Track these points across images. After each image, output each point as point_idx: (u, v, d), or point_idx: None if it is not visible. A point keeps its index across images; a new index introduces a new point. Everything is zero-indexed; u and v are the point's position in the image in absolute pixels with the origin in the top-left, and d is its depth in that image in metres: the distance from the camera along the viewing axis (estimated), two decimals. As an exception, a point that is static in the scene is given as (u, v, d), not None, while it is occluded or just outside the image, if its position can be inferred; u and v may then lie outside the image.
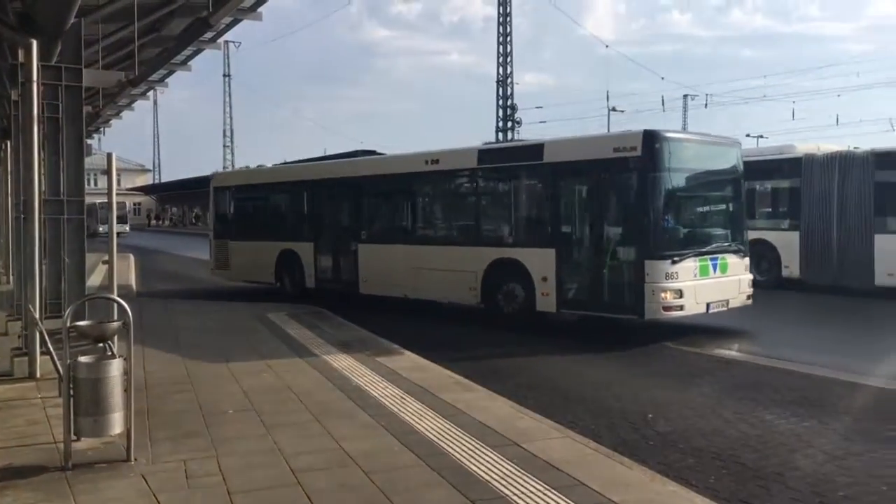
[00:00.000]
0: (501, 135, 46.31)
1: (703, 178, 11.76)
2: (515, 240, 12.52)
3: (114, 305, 5.86)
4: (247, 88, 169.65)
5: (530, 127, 63.92)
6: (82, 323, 5.80)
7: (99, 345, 5.63)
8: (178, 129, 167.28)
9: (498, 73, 46.86)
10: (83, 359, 5.35)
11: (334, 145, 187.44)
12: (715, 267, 11.12)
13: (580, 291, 11.48)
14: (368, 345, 10.05)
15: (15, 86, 9.19)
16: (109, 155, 7.64)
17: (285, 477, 5.09)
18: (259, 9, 12.54)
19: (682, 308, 10.57)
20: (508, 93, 46.92)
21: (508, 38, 46.62)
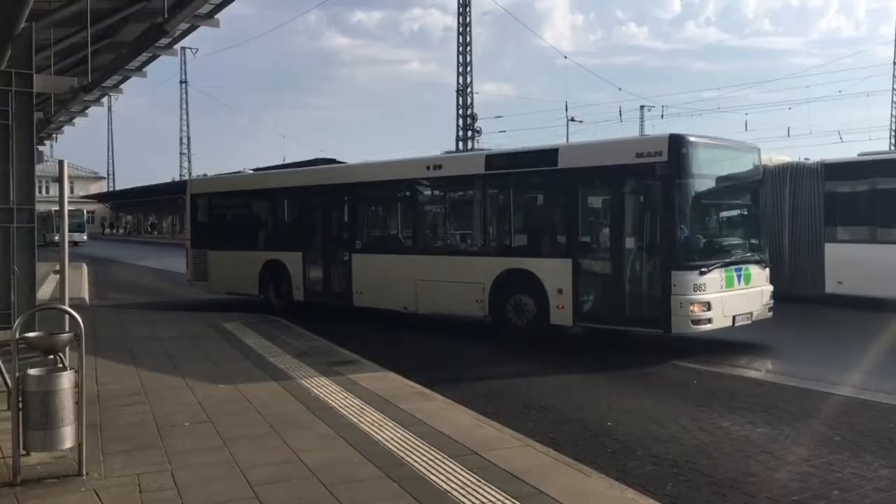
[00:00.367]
0: (461, 144, 46.47)
1: (728, 185, 11.39)
2: (527, 249, 11.98)
3: (65, 316, 5.72)
4: (204, 95, 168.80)
5: (490, 136, 64.50)
6: (32, 334, 5.64)
7: (49, 357, 5.48)
8: (134, 136, 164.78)
9: (458, 83, 46.98)
10: (33, 371, 5.22)
11: (294, 153, 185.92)
12: (739, 278, 10.71)
13: (599, 304, 10.98)
14: (327, 354, 9.98)
15: (-37, 91, 8.95)
16: (61, 162, 7.42)
17: (242, 490, 5.01)
18: (216, 15, 12.40)
19: (711, 321, 10.09)
20: (468, 102, 47.09)
21: (468, 48, 46.79)
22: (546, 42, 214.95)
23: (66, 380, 5.19)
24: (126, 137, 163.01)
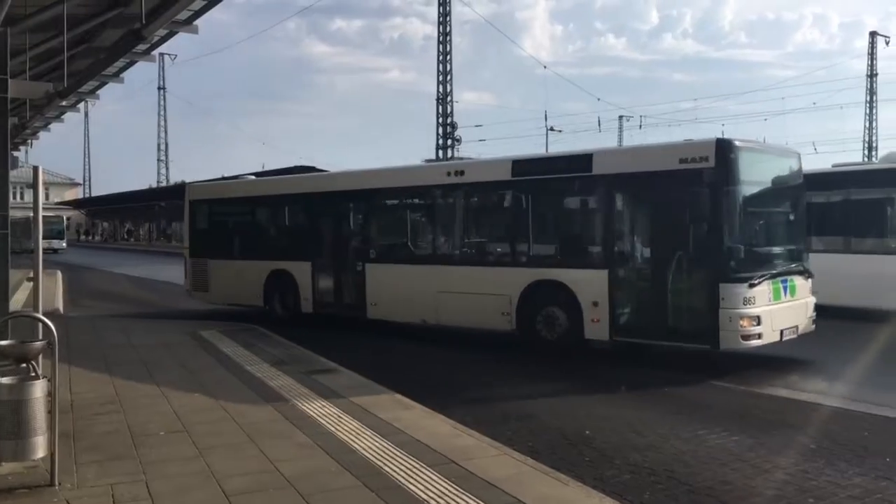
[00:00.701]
0: (441, 152, 46.53)
1: (774, 192, 10.87)
2: (558, 260, 11.44)
3: (38, 324, 5.64)
4: (183, 102, 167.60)
5: (470, 145, 64.39)
6: (4, 342, 5.55)
7: (22, 365, 5.40)
8: (111, 143, 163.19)
9: (438, 91, 47.11)
10: (4, 380, 5.16)
11: (273, 160, 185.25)
12: (786, 289, 10.20)
13: (639, 318, 10.40)
14: (305, 363, 9.92)
15: (-65, 95, 8.84)
16: (36, 168, 7.34)
17: (218, 500, 4.96)
18: (195, 22, 12.32)
19: (760, 336, 9.57)
20: (448, 111, 47.22)
21: (448, 57, 46.92)
22: (525, 52, 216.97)
23: (39, 389, 5.12)
24: (103, 144, 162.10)
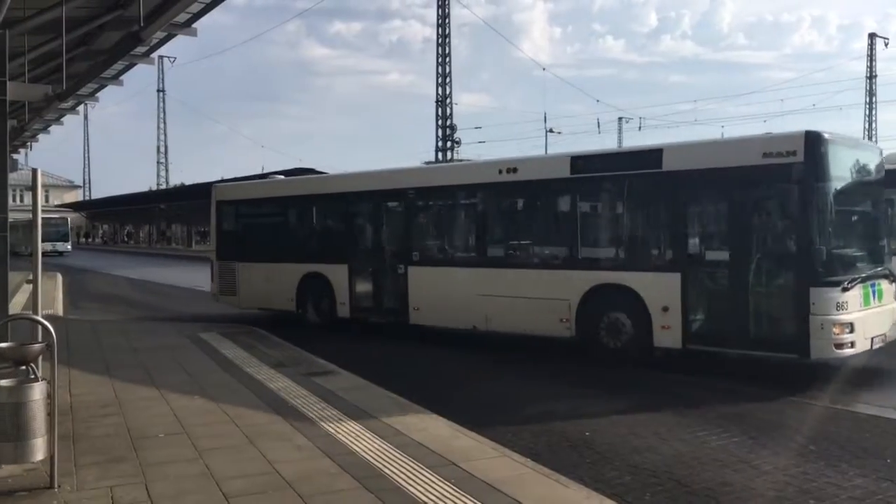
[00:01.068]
0: (441, 154, 46.55)
1: (862, 188, 10.10)
2: (623, 262, 10.66)
3: (38, 326, 5.63)
4: (182, 105, 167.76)
5: (469, 147, 64.69)
6: (3, 345, 5.55)
7: (21, 367, 5.40)
8: (110, 145, 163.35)
9: (437, 94, 47.16)
10: (4, 382, 5.15)
11: (272, 163, 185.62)
12: (874, 294, 9.54)
13: (717, 325, 9.71)
14: (304, 365, 9.91)
15: (-66, 98, 8.84)
16: (35, 170, 7.35)
17: (218, 502, 4.95)
18: (194, 24, 12.34)
19: (853, 345, 8.89)
20: (448, 113, 47.26)
21: (447, 59, 47.00)
22: (524, 54, 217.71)
23: (38, 391, 5.11)
24: (102, 146, 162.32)
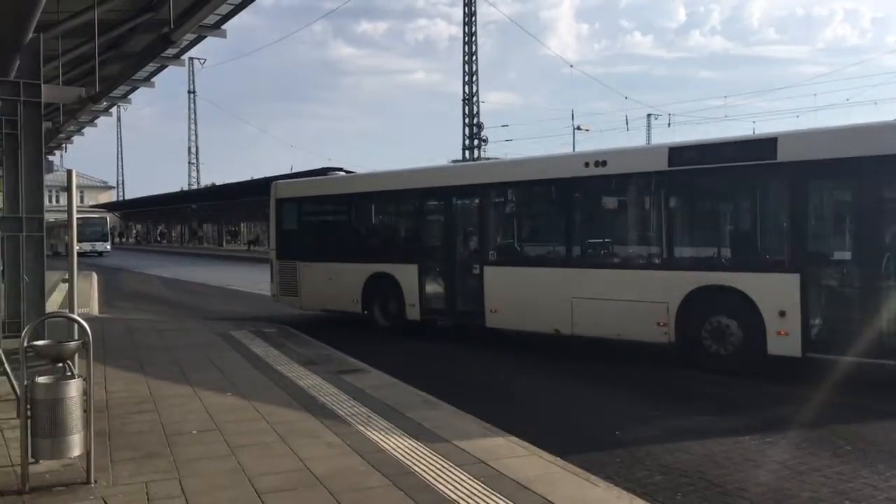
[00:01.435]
0: (468, 153, 46.54)
1: None
2: (731, 262, 9.89)
3: (74, 325, 5.74)
4: (212, 105, 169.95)
5: (496, 145, 64.60)
6: (39, 342, 5.66)
7: (58, 365, 5.50)
8: (143, 146, 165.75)
9: (464, 92, 47.20)
10: (41, 379, 5.23)
11: (301, 163, 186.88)
12: None
13: (843, 331, 8.89)
14: (334, 363, 9.97)
15: (-28, 101, 9.03)
16: (70, 171, 7.48)
17: (250, 499, 5.00)
18: (223, 26, 12.49)
19: None
20: (474, 111, 47.25)
21: (474, 58, 47.03)
22: (551, 51, 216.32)
23: (74, 388, 5.20)
24: (135, 147, 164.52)
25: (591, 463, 5.97)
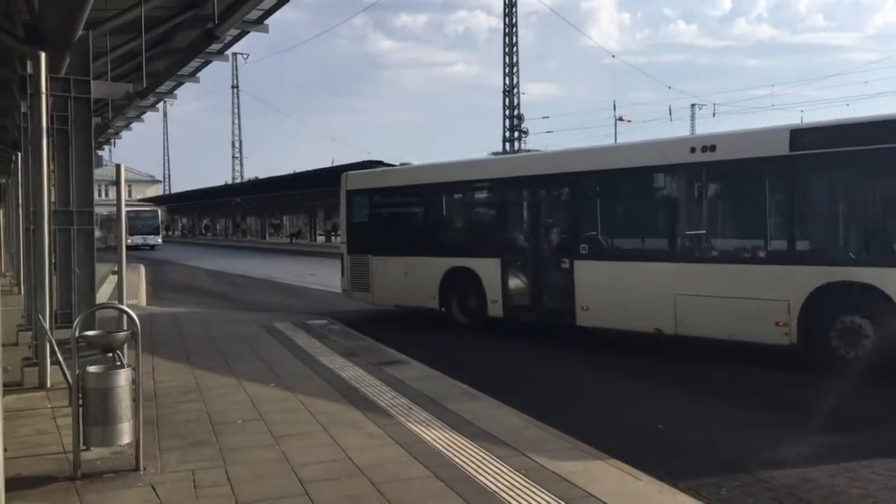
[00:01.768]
0: (508, 145, 46.37)
1: None
2: (864, 256, 8.98)
3: (123, 315, 5.88)
4: (253, 99, 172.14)
5: (536, 137, 64.32)
6: (90, 333, 5.81)
7: (108, 355, 5.64)
8: (188, 140, 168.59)
9: (504, 84, 47.00)
10: (92, 368, 5.37)
11: (341, 156, 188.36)
12: None
13: None
14: (376, 354, 10.04)
15: (24, 97, 9.27)
16: (119, 166, 7.65)
17: (293, 487, 5.08)
18: (265, 21, 12.59)
19: None
20: (515, 103, 47.04)
21: (514, 49, 46.77)
22: (593, 41, 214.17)
23: (124, 377, 5.33)
24: (180, 141, 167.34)
25: (633, 456, 5.91)
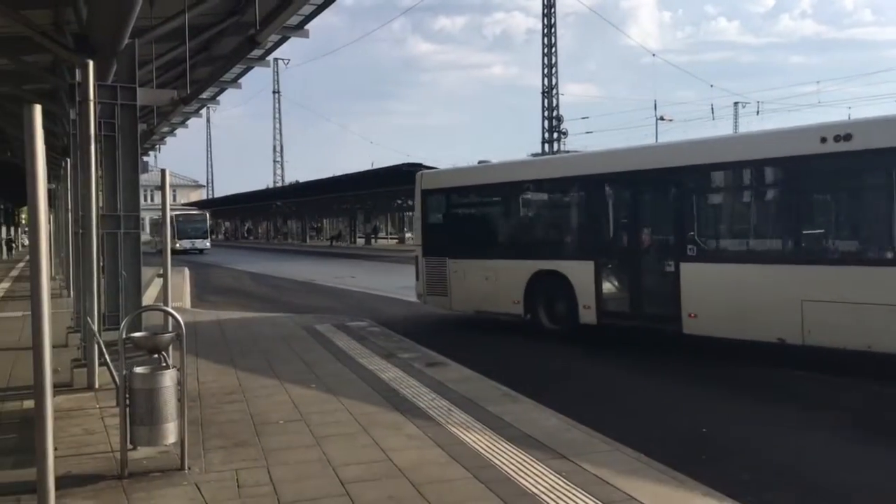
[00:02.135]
0: (547, 146, 46.18)
1: None
2: None
3: (168, 317, 6.00)
4: (293, 104, 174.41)
5: (576, 138, 63.84)
6: (137, 334, 5.93)
7: (154, 356, 5.76)
8: (230, 145, 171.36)
9: (543, 85, 46.85)
10: (139, 369, 5.48)
11: (381, 159, 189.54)
12: None
13: None
14: (415, 356, 10.07)
15: (73, 105, 9.51)
16: (164, 171, 7.82)
17: (334, 488, 5.12)
18: (305, 26, 12.73)
19: None
20: (554, 104, 46.83)
21: (553, 49, 46.60)
22: (632, 40, 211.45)
23: (169, 378, 5.43)
24: (223, 146, 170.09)
25: (676, 460, 5.84)
